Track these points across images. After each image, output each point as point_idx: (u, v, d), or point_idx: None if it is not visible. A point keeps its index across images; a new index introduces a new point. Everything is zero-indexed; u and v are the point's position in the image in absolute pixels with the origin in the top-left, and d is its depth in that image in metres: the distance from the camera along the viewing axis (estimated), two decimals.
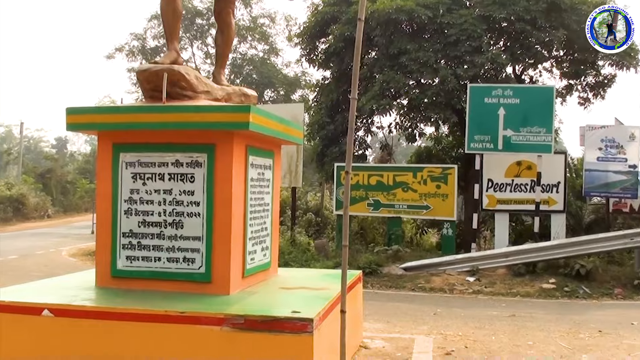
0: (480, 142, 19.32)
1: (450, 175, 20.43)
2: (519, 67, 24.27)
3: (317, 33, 25.96)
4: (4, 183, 48.62)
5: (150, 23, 45.62)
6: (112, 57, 46.98)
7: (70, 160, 69.22)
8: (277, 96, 46.18)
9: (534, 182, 19.61)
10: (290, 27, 44.78)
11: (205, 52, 47.08)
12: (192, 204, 6.63)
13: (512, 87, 20.02)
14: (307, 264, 18.98)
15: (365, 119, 25.16)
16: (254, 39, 47.04)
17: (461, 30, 21.47)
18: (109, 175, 6.90)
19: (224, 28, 7.91)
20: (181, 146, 6.66)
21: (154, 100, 6.90)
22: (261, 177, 7.40)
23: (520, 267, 18.04)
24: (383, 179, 21.02)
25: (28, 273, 18.28)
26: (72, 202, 55.17)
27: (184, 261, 6.66)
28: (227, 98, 7.55)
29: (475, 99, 19.47)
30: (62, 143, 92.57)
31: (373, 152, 36.23)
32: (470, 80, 21.24)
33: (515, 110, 19.07)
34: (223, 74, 7.96)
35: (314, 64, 27.02)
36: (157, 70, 6.85)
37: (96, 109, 7.57)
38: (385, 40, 22.58)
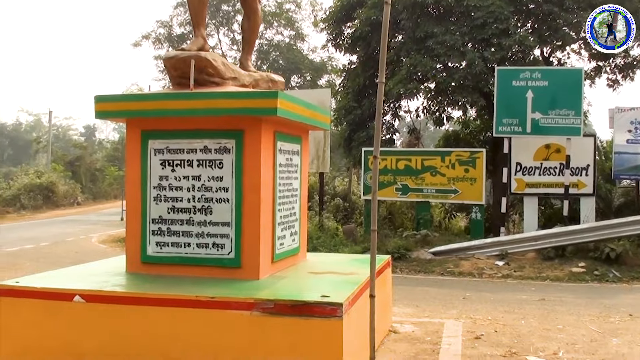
0: (508, 125, 19.20)
1: (479, 159, 20.34)
2: (547, 49, 24.05)
3: (343, 18, 25.89)
4: (34, 171, 48.99)
5: (176, 10, 45.73)
6: (139, 45, 47.21)
7: (99, 148, 69.59)
8: (304, 82, 46.14)
9: (563, 165, 19.46)
10: (316, 12, 44.73)
11: (231, 38, 47.16)
12: (221, 190, 6.66)
13: (540, 69, 19.86)
14: (336, 248, 18.99)
15: (393, 103, 25.09)
16: (280, 24, 46.98)
17: (488, 13, 21.30)
18: (138, 162, 6.94)
19: (250, 14, 7.91)
20: (209, 132, 6.68)
21: (182, 87, 6.92)
22: (289, 162, 7.41)
23: (550, 251, 17.95)
24: (411, 163, 20.96)
25: (59, 260, 18.44)
26: (101, 190, 55.52)
27: (214, 247, 6.69)
28: (254, 84, 7.56)
29: (503, 82, 19.34)
30: (91, 131, 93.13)
31: (401, 137, 36.14)
32: (497, 63, 21.11)
33: (544, 93, 18.92)
34: (250, 60, 7.96)
35: (340, 49, 26.95)
36: (184, 57, 6.87)
37: (125, 97, 7.61)
38: (412, 24, 22.48)
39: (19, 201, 42.91)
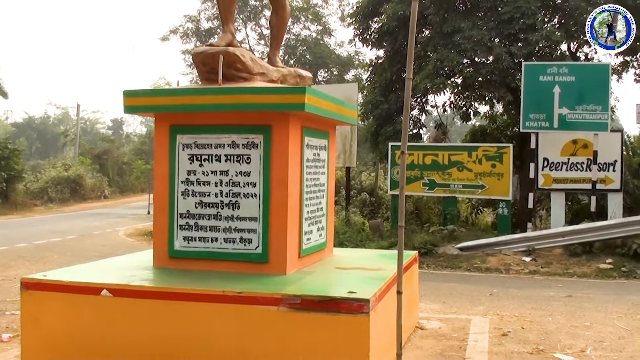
0: (535, 120, 19.12)
1: (506, 155, 20.26)
2: (574, 44, 23.93)
3: (370, 12, 25.87)
4: (61, 164, 49.39)
5: (204, 5, 45.85)
6: (167, 39, 47.32)
7: (126, 142, 69.97)
8: (331, 76, 46.14)
9: (590, 160, 19.35)
10: (343, 7, 44.70)
11: (259, 33, 47.24)
12: (248, 185, 6.67)
13: (567, 64, 19.74)
14: (362, 244, 19.00)
15: (420, 98, 25.03)
16: (307, 19, 46.98)
17: (515, 8, 21.20)
18: (166, 157, 6.97)
19: (278, 9, 7.92)
20: (237, 127, 6.70)
21: (210, 82, 6.94)
22: (316, 157, 7.41)
23: (577, 247, 17.86)
24: (438, 158, 20.92)
25: (86, 253, 18.58)
26: (128, 183, 55.88)
27: (241, 242, 6.71)
28: (282, 79, 7.57)
29: (530, 77, 19.25)
30: (118, 124, 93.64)
31: (427, 131, 36.02)
32: (524, 58, 21.00)
33: (571, 88, 18.82)
34: (278, 56, 7.97)
35: (367, 44, 26.93)
36: (212, 53, 6.89)
37: (153, 92, 7.65)
38: (439, 19, 22.43)
39: (46, 194, 43.28)
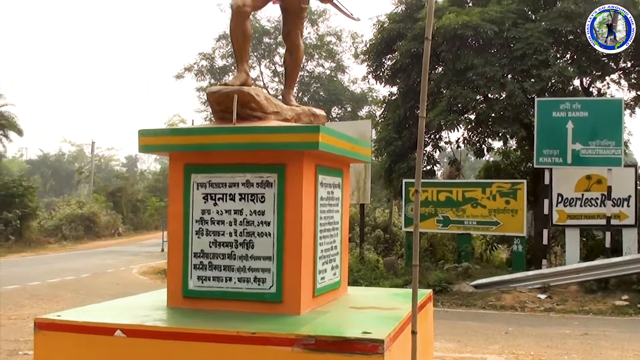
0: (549, 156, 19.11)
1: (520, 191, 20.23)
2: (587, 79, 24.01)
3: (383, 50, 26.02)
4: (76, 202, 49.64)
5: (218, 43, 46.11)
6: (182, 77, 47.55)
7: (141, 179, 70.27)
8: (345, 113, 46.26)
9: (604, 196, 19.30)
10: (357, 44, 44.85)
11: (272, 70, 47.45)
12: (262, 224, 6.66)
13: (580, 100, 19.77)
14: (376, 282, 18.94)
15: (433, 135, 25.09)
16: (321, 56, 47.20)
17: (527, 44, 21.31)
18: (180, 196, 6.97)
19: (292, 49, 7.96)
20: (251, 166, 6.70)
21: (224, 122, 6.96)
22: (330, 195, 7.40)
23: (592, 284, 17.76)
24: (452, 195, 20.90)
25: (100, 291, 18.58)
26: (142, 220, 56.02)
27: (255, 281, 6.68)
28: (296, 118, 7.58)
29: (543, 113, 19.28)
30: (133, 161, 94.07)
31: (441, 167, 36.03)
32: (537, 94, 21.06)
33: (584, 123, 18.83)
34: (292, 94, 7.99)
35: (380, 81, 27.10)
36: (227, 92, 6.91)
37: (168, 131, 7.67)
38: (452, 56, 22.53)
39: (60, 231, 43.44)
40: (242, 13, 7.18)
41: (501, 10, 22.30)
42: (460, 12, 22.69)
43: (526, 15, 23.34)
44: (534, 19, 23.29)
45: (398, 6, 26.27)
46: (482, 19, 21.89)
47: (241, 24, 7.22)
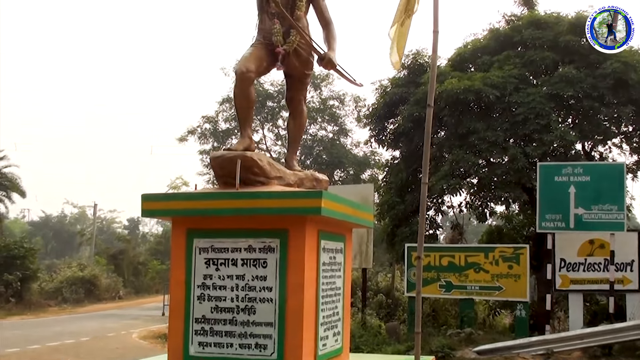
0: (551, 221, 19.09)
1: (522, 255, 20.16)
2: (588, 143, 24.12)
3: (386, 114, 26.21)
4: (77, 264, 49.52)
5: (222, 106, 46.36)
6: (185, 140, 47.69)
7: (142, 241, 70.18)
8: (347, 176, 46.32)
9: (607, 260, 19.22)
10: (360, 108, 45.16)
11: (276, 134, 47.64)
12: (264, 290, 6.63)
13: (582, 164, 19.82)
14: (379, 348, 18.78)
15: (436, 199, 25.10)
16: (324, 120, 47.45)
17: (529, 109, 21.49)
18: (182, 260, 6.96)
19: (296, 115, 8.02)
20: (254, 232, 6.70)
21: (227, 186, 6.98)
22: (333, 261, 7.39)
23: (596, 350, 17.59)
24: (455, 259, 20.83)
25: (100, 356, 18.43)
26: (143, 284, 55.79)
27: (256, 347, 6.64)
28: (299, 183, 7.61)
29: (545, 178, 19.30)
30: (135, 224, 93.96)
31: (444, 232, 35.96)
32: (539, 158, 21.14)
33: (586, 188, 18.84)
34: (295, 159, 8.03)
35: (383, 144, 27.24)
36: (230, 157, 6.95)
37: (171, 196, 7.70)
38: (454, 120, 22.69)
39: (61, 294, 43.24)
40: (246, 79, 7.26)
41: (503, 75, 22.50)
42: (462, 77, 22.90)
43: (528, 80, 23.57)
44: (535, 84, 23.52)
45: (400, 71, 26.51)
46: (484, 84, 22.08)
47: (245, 89, 7.29)
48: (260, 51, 7.41)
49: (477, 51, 25.48)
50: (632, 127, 23.89)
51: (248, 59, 7.34)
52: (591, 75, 22.10)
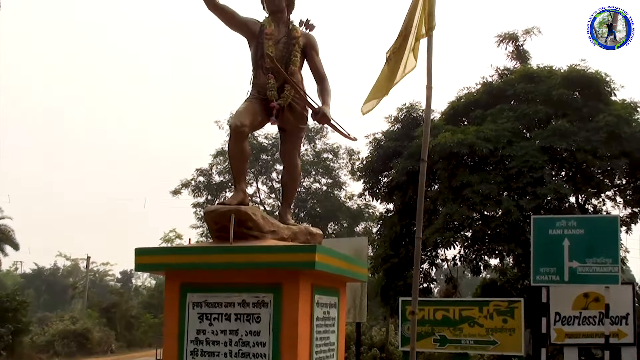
0: (546, 274, 19.02)
1: (517, 309, 20.05)
2: (582, 196, 24.18)
3: (380, 167, 26.31)
4: (69, 317, 49.18)
5: (216, 159, 46.44)
6: (179, 193, 47.67)
7: (135, 295, 69.77)
8: (341, 229, 46.28)
9: (602, 314, 19.12)
10: (354, 161, 45.28)
11: (269, 186, 47.65)
12: (258, 345, 6.60)
13: (575, 217, 19.82)
14: None
15: (430, 252, 25.09)
16: (318, 173, 47.54)
17: (523, 162, 21.58)
18: (175, 315, 6.93)
19: (290, 169, 8.05)
20: (248, 286, 6.69)
21: (221, 240, 6.99)
22: (327, 315, 7.36)
23: None
24: (449, 313, 20.71)
25: None
26: (135, 337, 55.32)
27: None
28: (293, 237, 7.61)
29: (539, 231, 19.28)
30: (128, 277, 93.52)
31: (438, 285, 35.86)
32: (533, 211, 21.16)
33: (580, 241, 18.80)
34: (289, 213, 8.04)
35: (377, 198, 27.31)
36: (224, 212, 6.97)
37: (164, 250, 7.69)
38: (448, 174, 22.76)
39: (53, 348, 42.89)
40: (240, 133, 7.31)
41: (496, 129, 22.64)
42: (455, 131, 23.03)
43: (521, 133, 23.71)
44: (528, 137, 23.66)
45: (394, 124, 26.67)
46: (477, 137, 22.19)
47: (239, 143, 7.33)
48: (254, 106, 7.46)
49: (470, 105, 25.69)
50: (626, 179, 24.00)
51: (243, 114, 7.40)
52: (584, 129, 22.25)
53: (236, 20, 7.81)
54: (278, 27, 7.77)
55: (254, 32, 7.73)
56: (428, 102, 8.77)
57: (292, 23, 7.95)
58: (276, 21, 7.80)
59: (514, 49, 27.28)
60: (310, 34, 7.96)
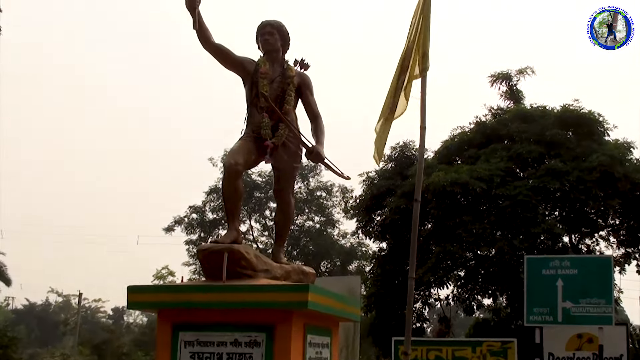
0: (539, 314, 18.96)
1: (510, 350, 19.96)
2: (576, 236, 24.19)
3: (373, 206, 26.28)
4: (60, 354, 48.89)
5: (209, 196, 46.41)
6: (172, 230, 47.55)
7: (127, 332, 69.33)
8: (334, 267, 46.17)
9: (596, 355, 19.02)
10: (347, 199, 45.26)
11: (262, 224, 47.60)
12: None
13: (569, 257, 19.80)
14: None
15: (423, 291, 25.01)
16: (311, 210, 47.53)
17: (516, 202, 21.59)
18: (167, 353, 6.89)
19: (283, 207, 8.06)
20: (240, 325, 6.67)
21: (214, 279, 6.98)
22: (319, 356, 7.33)
23: None
24: (442, 353, 20.59)
25: None
26: None
27: None
28: (285, 276, 7.60)
29: (533, 271, 19.26)
30: (119, 313, 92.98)
31: (431, 324, 35.75)
32: (526, 250, 21.16)
33: (574, 281, 18.76)
34: (282, 252, 8.03)
35: (370, 236, 27.25)
36: (217, 250, 6.97)
37: (157, 288, 7.67)
38: (441, 212, 22.75)
39: None
40: (235, 172, 7.33)
41: (490, 168, 22.68)
42: (449, 170, 23.08)
43: (514, 173, 23.76)
44: (522, 177, 23.70)
45: (387, 163, 26.73)
46: (470, 177, 22.21)
47: (233, 182, 7.36)
48: (249, 144, 7.50)
49: (463, 144, 25.76)
50: (619, 220, 24.03)
51: (237, 152, 7.43)
52: (578, 168, 22.30)
53: (231, 59, 7.88)
54: (273, 66, 7.85)
55: (249, 71, 7.80)
56: (422, 142, 8.82)
57: (287, 62, 8.03)
58: (271, 60, 7.87)
59: (508, 89, 27.40)
60: (304, 74, 8.03)
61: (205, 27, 7.67)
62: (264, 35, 7.92)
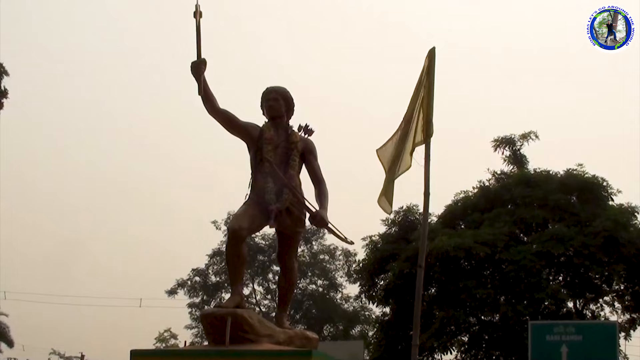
0: None
1: None
2: (580, 301, 24.05)
3: (376, 270, 26.18)
4: None
5: (212, 259, 46.25)
6: (175, 292, 47.25)
7: None
8: (337, 331, 45.77)
9: None
10: (350, 263, 45.08)
11: (266, 287, 47.32)
12: None
13: (573, 323, 19.65)
14: None
15: (426, 357, 24.78)
16: (314, 274, 47.28)
17: (520, 267, 21.55)
18: None
19: (286, 272, 8.05)
20: None
21: (217, 343, 6.96)
22: None
23: None
24: None
25: None
26: None
27: None
28: (288, 341, 7.56)
29: (537, 337, 19.10)
30: None
31: None
32: (530, 316, 21.05)
33: (578, 347, 18.58)
34: (285, 317, 8.00)
35: (373, 300, 27.09)
36: (221, 315, 6.96)
37: (160, 352, 7.67)
38: (445, 277, 22.67)
39: None
40: (238, 237, 7.35)
41: (493, 233, 22.66)
42: (452, 235, 23.06)
43: (518, 237, 23.73)
44: (525, 242, 23.66)
45: (391, 227, 26.69)
46: (474, 241, 22.19)
47: (237, 247, 7.36)
48: (253, 209, 7.51)
49: (467, 208, 25.75)
50: (624, 285, 23.91)
51: (241, 217, 7.45)
52: (582, 233, 22.29)
53: (236, 125, 7.93)
54: (277, 131, 7.89)
55: (254, 136, 7.84)
56: (425, 209, 8.86)
57: (291, 128, 8.08)
58: (275, 126, 7.92)
59: (511, 154, 27.46)
60: (308, 139, 8.07)
61: (211, 93, 7.73)
62: (269, 101, 7.97)
